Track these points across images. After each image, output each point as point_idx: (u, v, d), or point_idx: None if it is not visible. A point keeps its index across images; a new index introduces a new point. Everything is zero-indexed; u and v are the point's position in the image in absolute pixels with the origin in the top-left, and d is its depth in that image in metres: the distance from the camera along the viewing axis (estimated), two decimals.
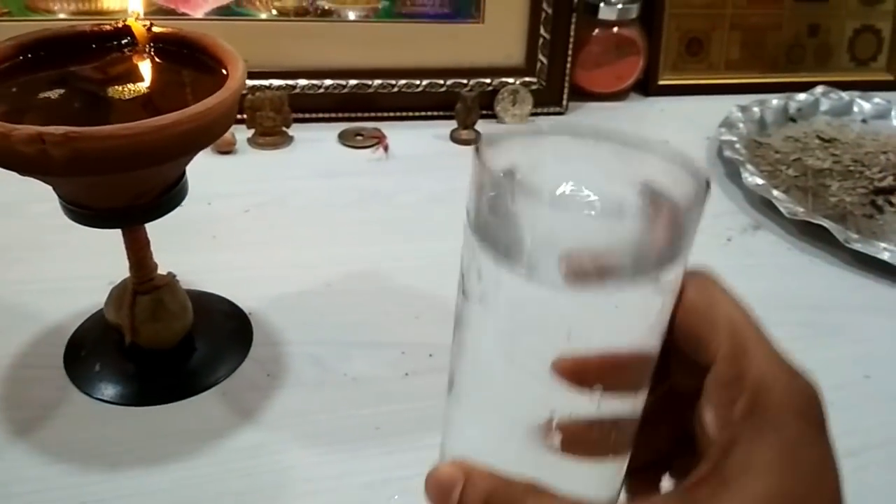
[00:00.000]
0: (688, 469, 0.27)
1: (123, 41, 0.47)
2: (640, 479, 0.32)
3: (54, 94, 0.43)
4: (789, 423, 0.25)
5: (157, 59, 0.47)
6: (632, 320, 0.26)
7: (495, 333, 0.26)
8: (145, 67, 0.46)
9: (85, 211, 0.42)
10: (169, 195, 0.43)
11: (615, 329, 0.26)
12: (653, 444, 0.32)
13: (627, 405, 0.28)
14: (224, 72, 0.43)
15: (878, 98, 0.89)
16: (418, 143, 0.79)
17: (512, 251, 0.24)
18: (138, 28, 0.46)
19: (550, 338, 0.25)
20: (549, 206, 0.25)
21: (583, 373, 0.26)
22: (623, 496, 0.31)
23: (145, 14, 0.48)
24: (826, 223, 0.63)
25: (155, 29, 0.47)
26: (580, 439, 0.27)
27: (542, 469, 0.27)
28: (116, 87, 0.44)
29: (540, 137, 0.29)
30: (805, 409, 0.26)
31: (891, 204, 0.71)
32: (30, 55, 0.45)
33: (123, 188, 0.41)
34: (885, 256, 0.61)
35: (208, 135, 0.40)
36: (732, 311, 0.28)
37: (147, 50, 0.47)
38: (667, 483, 0.32)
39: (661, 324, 0.27)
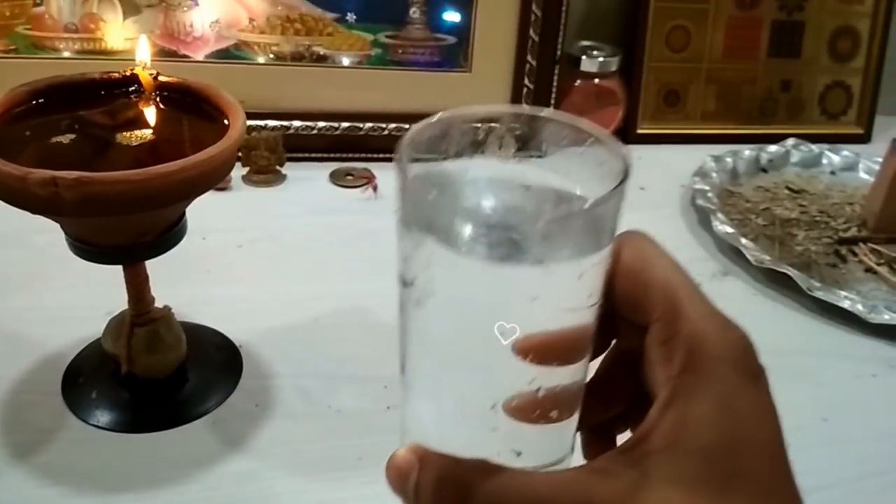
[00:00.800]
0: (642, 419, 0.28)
1: (131, 88, 0.50)
2: (597, 435, 0.33)
3: (65, 138, 0.46)
4: (723, 375, 0.26)
5: (161, 107, 0.50)
6: (564, 295, 0.26)
7: (436, 319, 0.27)
8: (151, 114, 0.49)
9: (90, 248, 0.45)
10: (169, 234, 0.46)
11: (550, 304, 0.26)
12: (608, 402, 0.32)
13: (570, 373, 0.28)
14: (225, 121, 0.46)
15: (847, 151, 0.93)
16: None
17: (441, 232, 0.25)
18: (145, 77, 0.50)
19: (488, 317, 0.26)
20: (469, 185, 0.27)
21: (525, 350, 0.26)
22: (578, 453, 0.32)
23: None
24: (791, 271, 0.66)
25: (161, 78, 0.50)
26: (527, 408, 0.28)
27: (494, 440, 0.28)
28: (124, 132, 0.47)
29: (452, 127, 0.29)
30: (738, 358, 0.27)
31: (853, 254, 0.74)
32: (42, 100, 0.48)
33: (128, 228, 0.44)
34: (846, 304, 0.64)
35: (210, 180, 0.43)
36: (666, 272, 0.28)
37: (153, 97, 0.50)
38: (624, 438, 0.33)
39: (594, 296, 0.27)
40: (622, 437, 0.33)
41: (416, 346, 0.29)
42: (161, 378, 0.52)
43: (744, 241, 0.70)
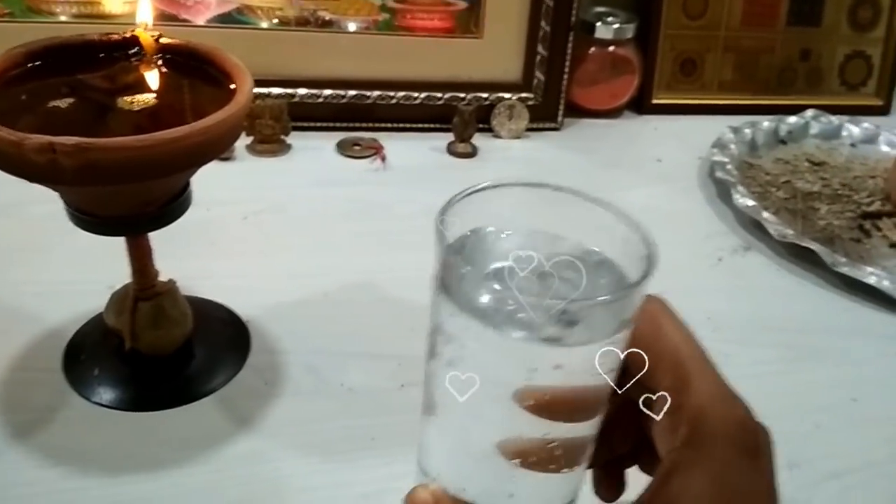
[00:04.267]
0: (650, 463, 0.30)
1: (131, 51, 0.48)
2: (607, 471, 0.35)
3: (63, 102, 0.44)
4: (721, 452, 0.27)
5: (164, 70, 0.47)
6: (585, 367, 0.28)
7: (464, 374, 0.28)
8: (153, 78, 0.47)
9: (91, 218, 0.43)
10: (174, 204, 0.44)
11: (571, 373, 0.28)
12: (615, 444, 0.34)
13: (580, 429, 0.30)
14: (231, 86, 0.44)
15: (867, 123, 0.90)
16: (415, 154, 0.80)
17: (475, 308, 0.27)
18: (146, 38, 0.47)
19: (513, 383, 0.27)
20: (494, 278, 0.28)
21: (541, 408, 0.28)
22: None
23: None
24: (814, 246, 0.64)
25: (163, 40, 0.47)
26: (539, 458, 0.29)
27: (506, 482, 0.30)
28: (124, 97, 0.44)
29: (498, 191, 0.30)
30: (737, 436, 0.28)
31: (878, 228, 0.72)
32: (38, 62, 0.46)
33: (130, 197, 0.42)
34: (872, 280, 0.62)
35: (216, 147, 0.41)
36: (678, 342, 0.29)
37: (155, 60, 0.47)
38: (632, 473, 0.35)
39: (613, 366, 0.29)
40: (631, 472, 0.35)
41: (441, 397, 0.30)
42: (166, 354, 0.50)
43: (765, 214, 0.68)
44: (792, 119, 0.89)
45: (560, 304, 0.25)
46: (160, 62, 0.47)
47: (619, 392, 0.31)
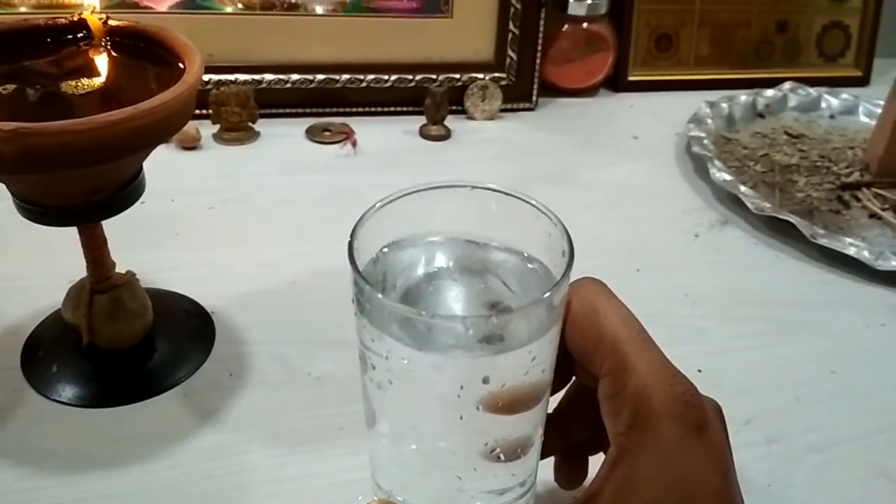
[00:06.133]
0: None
1: (79, 35, 0.46)
2: (568, 458, 0.35)
3: (6, 88, 0.42)
4: (667, 431, 0.27)
5: (113, 53, 0.46)
6: (517, 371, 0.28)
7: (397, 400, 0.29)
8: (101, 62, 0.45)
9: (38, 209, 0.41)
10: (125, 192, 0.43)
11: (504, 380, 0.28)
12: (574, 432, 0.34)
13: (520, 429, 0.30)
14: (181, 65, 0.42)
15: (846, 94, 0.89)
16: (387, 138, 0.78)
17: (397, 330, 0.27)
18: (94, 21, 0.45)
19: (445, 398, 0.28)
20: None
21: (492, 407, 0.28)
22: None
23: (108, 7, 0.47)
24: (793, 219, 0.63)
25: (111, 22, 0.46)
26: (482, 464, 0.30)
27: (454, 487, 0.30)
28: (71, 82, 0.43)
29: (415, 196, 0.30)
30: (682, 413, 0.27)
31: (857, 199, 0.71)
32: None
33: (77, 185, 0.40)
34: (852, 252, 0.61)
35: (164, 130, 0.39)
36: (614, 325, 0.29)
37: (103, 44, 0.46)
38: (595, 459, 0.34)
39: (546, 365, 0.29)
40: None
41: (380, 414, 0.30)
42: (126, 348, 0.48)
43: (743, 188, 0.67)
44: (770, 92, 0.88)
45: (482, 317, 0.26)
46: (109, 46, 0.46)
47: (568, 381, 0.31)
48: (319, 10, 0.79)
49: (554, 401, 0.35)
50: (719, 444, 0.28)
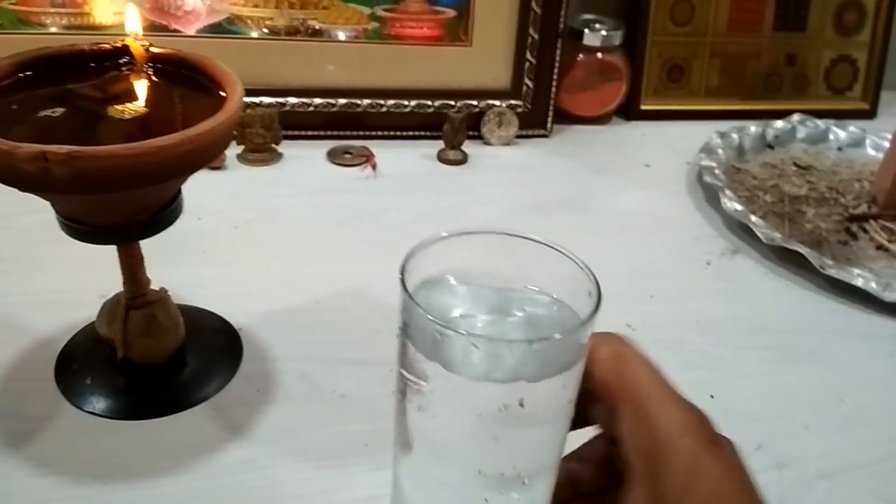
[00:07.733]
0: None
1: (122, 60, 0.48)
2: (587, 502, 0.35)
3: (54, 112, 0.44)
4: (686, 444, 0.28)
5: (154, 79, 0.47)
6: (548, 400, 0.29)
7: (435, 421, 0.30)
8: (143, 87, 0.47)
9: (82, 227, 0.43)
10: (165, 213, 0.44)
11: (536, 407, 0.29)
12: (586, 481, 0.34)
13: (546, 456, 0.31)
14: (222, 93, 0.44)
15: (854, 126, 0.91)
16: (406, 162, 0.80)
17: (441, 356, 0.28)
18: (137, 48, 0.47)
19: (483, 419, 0.29)
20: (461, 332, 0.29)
21: None
22: None
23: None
24: (802, 249, 0.65)
25: (153, 49, 0.47)
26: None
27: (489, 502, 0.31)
28: (115, 105, 0.44)
29: (455, 239, 0.32)
30: (697, 428, 0.29)
31: (864, 231, 0.73)
32: (29, 72, 0.46)
33: (122, 206, 0.42)
34: (860, 282, 0.62)
35: (206, 155, 0.41)
36: (638, 381, 0.30)
37: (145, 69, 0.48)
38: None
39: (572, 395, 0.30)
40: None
41: (419, 436, 0.32)
42: (158, 363, 0.50)
43: (753, 218, 0.69)
44: (779, 124, 0.89)
45: (520, 342, 0.27)
46: (150, 71, 0.48)
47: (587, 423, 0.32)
48: (342, 35, 0.81)
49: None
50: (737, 457, 0.29)
